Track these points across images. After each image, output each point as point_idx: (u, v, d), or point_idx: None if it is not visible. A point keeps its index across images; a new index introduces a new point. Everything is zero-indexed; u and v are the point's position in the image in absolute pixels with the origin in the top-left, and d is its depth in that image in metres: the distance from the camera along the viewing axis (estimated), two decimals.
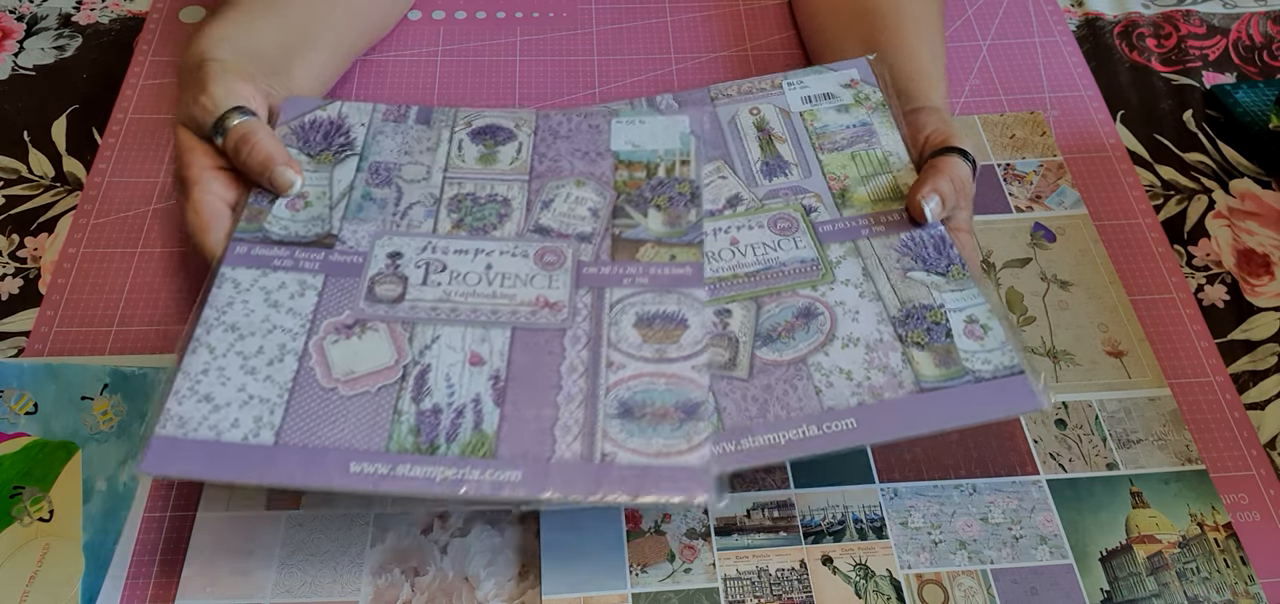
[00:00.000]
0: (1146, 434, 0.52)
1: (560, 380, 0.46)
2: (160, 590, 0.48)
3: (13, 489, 0.49)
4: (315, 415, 0.44)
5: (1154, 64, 0.73)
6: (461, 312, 0.48)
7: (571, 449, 0.43)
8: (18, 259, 0.60)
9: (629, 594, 0.47)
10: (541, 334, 0.47)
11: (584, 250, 0.51)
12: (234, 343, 0.46)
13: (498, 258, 0.51)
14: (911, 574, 0.48)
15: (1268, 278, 0.61)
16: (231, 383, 0.45)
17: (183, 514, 0.50)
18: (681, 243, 0.51)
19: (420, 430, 0.44)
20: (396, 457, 0.43)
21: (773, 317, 0.49)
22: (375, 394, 0.45)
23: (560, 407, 0.45)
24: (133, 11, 0.76)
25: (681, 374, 0.46)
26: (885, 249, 0.51)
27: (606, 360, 0.46)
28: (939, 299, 0.48)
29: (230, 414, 0.44)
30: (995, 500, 0.50)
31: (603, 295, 0.49)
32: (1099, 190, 0.64)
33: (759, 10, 0.75)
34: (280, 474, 0.43)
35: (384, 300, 0.49)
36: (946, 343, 0.47)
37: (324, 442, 0.43)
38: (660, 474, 0.42)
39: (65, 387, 0.53)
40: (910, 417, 0.45)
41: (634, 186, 0.54)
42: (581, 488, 0.42)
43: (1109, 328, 0.57)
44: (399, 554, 0.48)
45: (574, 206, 0.53)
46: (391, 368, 0.46)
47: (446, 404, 0.45)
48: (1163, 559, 0.48)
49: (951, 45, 0.73)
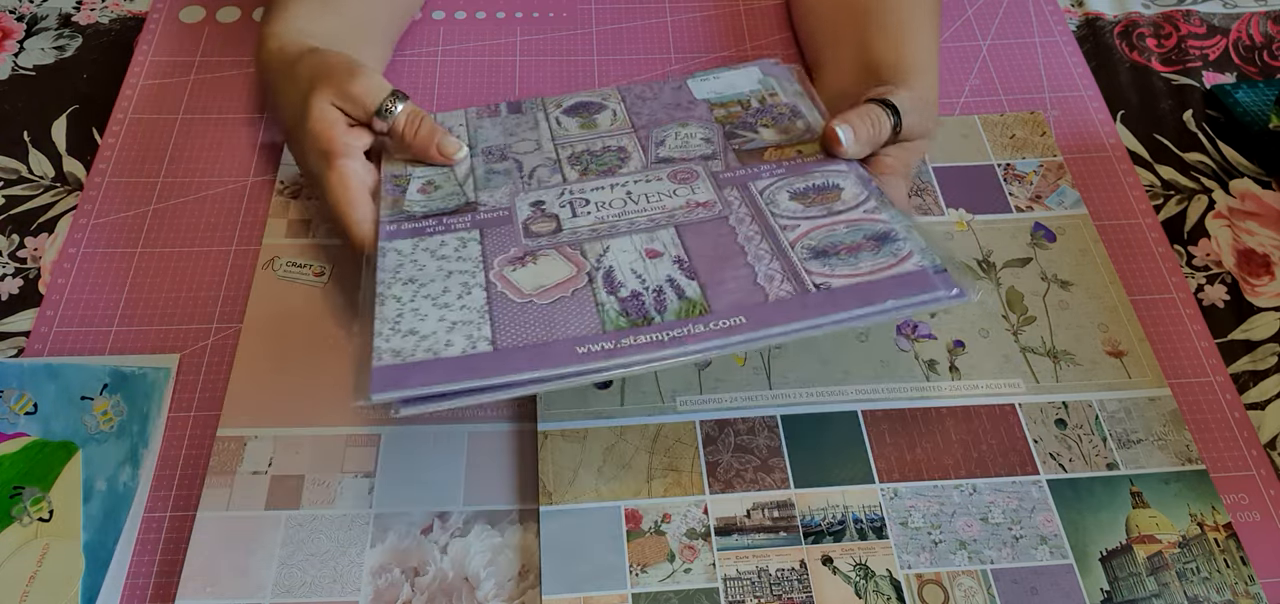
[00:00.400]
0: (1146, 434, 0.52)
1: (743, 249, 0.47)
2: (160, 590, 0.48)
3: (13, 489, 0.49)
4: (522, 324, 0.44)
5: (1154, 64, 0.73)
6: (620, 226, 0.50)
7: (783, 290, 0.44)
8: (18, 259, 0.60)
9: (629, 594, 0.47)
10: (706, 224, 0.49)
11: (713, 165, 0.53)
12: (418, 291, 0.47)
13: (634, 185, 0.52)
14: (911, 574, 0.48)
15: (1268, 278, 0.61)
16: (429, 318, 0.45)
17: (183, 514, 0.50)
18: (801, 142, 0.54)
19: (627, 312, 0.44)
20: (616, 334, 0.43)
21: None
22: (571, 297, 0.45)
23: (755, 265, 0.46)
24: (133, 11, 0.76)
25: (858, 218, 0.47)
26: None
27: (779, 226, 0.48)
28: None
29: (441, 337, 0.44)
30: (995, 500, 0.50)
31: (747, 187, 0.51)
32: (1099, 190, 0.64)
33: (759, 10, 0.75)
34: (511, 370, 0.42)
35: (543, 234, 0.50)
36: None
37: (542, 338, 0.43)
38: (886, 285, 0.43)
39: (65, 387, 0.53)
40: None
41: (735, 118, 0.57)
42: (814, 313, 0.43)
43: (1109, 328, 0.57)
44: (399, 554, 0.48)
45: (687, 140, 0.56)
46: (576, 277, 0.47)
47: (643, 288, 0.45)
48: (1163, 559, 0.48)
49: (951, 45, 0.73)
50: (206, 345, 0.56)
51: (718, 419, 0.52)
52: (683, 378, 0.54)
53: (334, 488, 0.50)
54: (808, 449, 0.51)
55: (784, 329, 0.43)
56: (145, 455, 0.51)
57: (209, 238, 0.61)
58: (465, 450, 0.52)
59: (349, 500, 0.50)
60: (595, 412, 0.52)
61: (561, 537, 0.48)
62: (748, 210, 0.50)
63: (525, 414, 0.53)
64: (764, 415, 0.53)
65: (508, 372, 0.42)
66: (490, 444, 0.52)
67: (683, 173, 0.53)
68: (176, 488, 0.51)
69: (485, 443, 0.52)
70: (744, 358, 0.55)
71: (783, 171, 0.52)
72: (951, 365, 0.55)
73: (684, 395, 0.53)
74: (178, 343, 0.56)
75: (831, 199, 0.50)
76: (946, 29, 0.74)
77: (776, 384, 0.54)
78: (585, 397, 0.53)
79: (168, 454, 0.52)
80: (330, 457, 0.51)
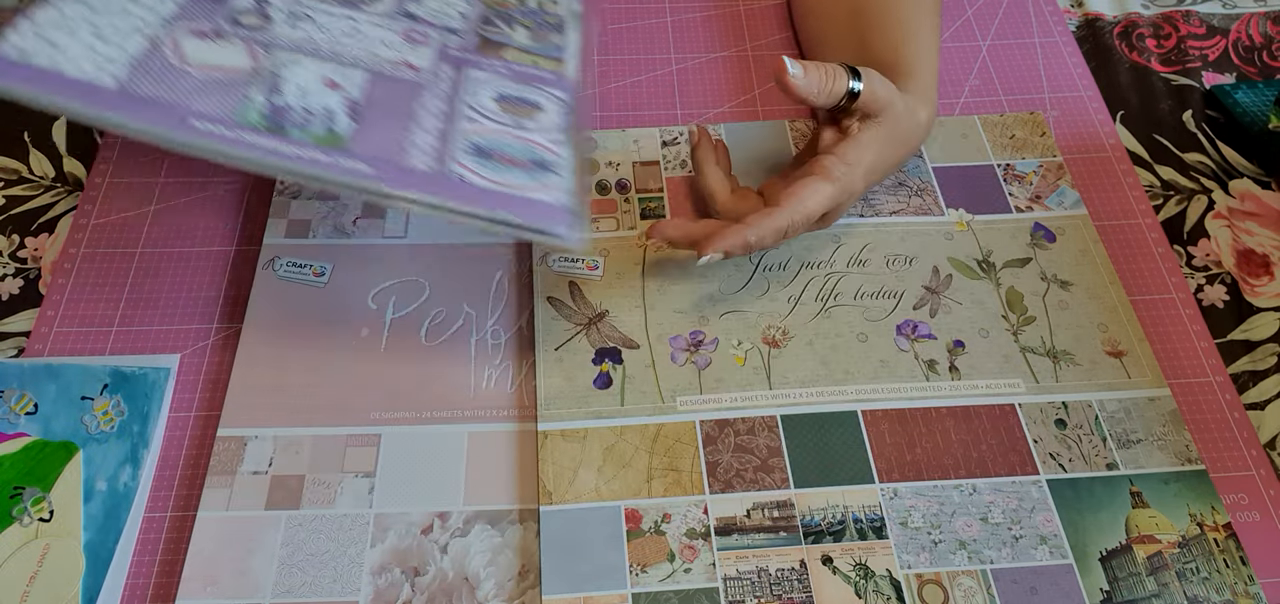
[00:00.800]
0: (1146, 434, 0.52)
1: (415, 115, 0.46)
2: (160, 590, 0.48)
3: (13, 489, 0.49)
4: (161, 81, 0.43)
5: (1154, 64, 0.73)
6: (322, 51, 0.48)
7: (423, 162, 0.44)
8: (18, 259, 0.60)
9: (629, 594, 0.47)
10: (401, 83, 0.48)
11: (450, 39, 0.52)
12: (87, 14, 0.46)
13: (365, 24, 0.51)
14: (911, 574, 0.48)
15: (1267, 278, 0.61)
16: (79, 39, 0.44)
17: (183, 514, 0.50)
18: (545, 55, 0.53)
19: (270, 116, 0.43)
20: (243, 128, 0.42)
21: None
22: (226, 81, 0.44)
23: (414, 133, 0.45)
24: None
25: (537, 140, 0.47)
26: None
27: (464, 115, 0.47)
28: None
29: (74, 58, 0.43)
30: (995, 500, 0.50)
31: (464, 73, 0.50)
32: (1099, 190, 0.64)
33: (759, 10, 0.75)
34: (116, 112, 0.41)
35: (246, 26, 0.48)
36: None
37: (167, 98, 0.42)
38: (515, 201, 0.43)
39: (65, 387, 0.53)
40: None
41: (504, 5, 0.55)
42: (433, 191, 0.42)
43: (1109, 328, 0.57)
44: (399, 554, 0.48)
45: (445, 5, 0.54)
46: (246, 70, 0.46)
47: (298, 105, 0.44)
48: (1162, 559, 0.48)
49: (951, 45, 0.73)
50: (206, 345, 0.56)
51: (718, 419, 0.52)
52: (683, 378, 0.54)
53: (334, 488, 0.50)
54: (808, 449, 0.51)
55: (401, 193, 0.43)
56: (145, 455, 0.51)
57: (209, 238, 0.61)
58: (465, 450, 0.52)
59: (349, 500, 0.50)
60: (595, 412, 0.53)
61: (561, 537, 0.48)
62: (446, 90, 0.49)
63: (525, 414, 0.53)
64: (764, 415, 0.53)
65: (115, 113, 0.41)
66: (490, 444, 0.52)
67: (417, 34, 0.52)
68: (177, 488, 0.51)
69: (485, 443, 0.52)
70: (744, 358, 0.55)
71: (505, 73, 0.52)
72: (951, 365, 0.55)
73: (684, 395, 0.53)
74: (178, 343, 0.56)
75: (526, 115, 0.50)
76: (947, 29, 0.74)
77: (776, 384, 0.54)
78: (585, 397, 0.53)
79: (168, 454, 0.52)
80: (330, 457, 0.51)
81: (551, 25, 0.56)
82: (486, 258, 0.59)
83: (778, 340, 0.56)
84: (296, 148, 0.43)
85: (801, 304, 0.57)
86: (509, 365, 0.55)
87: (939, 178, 0.63)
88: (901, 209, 0.62)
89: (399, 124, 0.46)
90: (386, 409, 0.53)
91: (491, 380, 0.54)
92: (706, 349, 0.55)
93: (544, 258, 0.58)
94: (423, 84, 0.49)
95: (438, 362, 0.55)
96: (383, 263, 0.59)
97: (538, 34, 0.55)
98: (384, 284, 0.58)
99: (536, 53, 0.54)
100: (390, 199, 0.44)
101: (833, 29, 0.66)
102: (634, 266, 0.58)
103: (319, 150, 0.43)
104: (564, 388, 0.53)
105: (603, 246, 0.59)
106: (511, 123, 0.49)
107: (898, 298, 0.57)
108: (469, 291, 0.58)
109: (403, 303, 0.57)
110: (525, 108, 0.50)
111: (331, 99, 0.46)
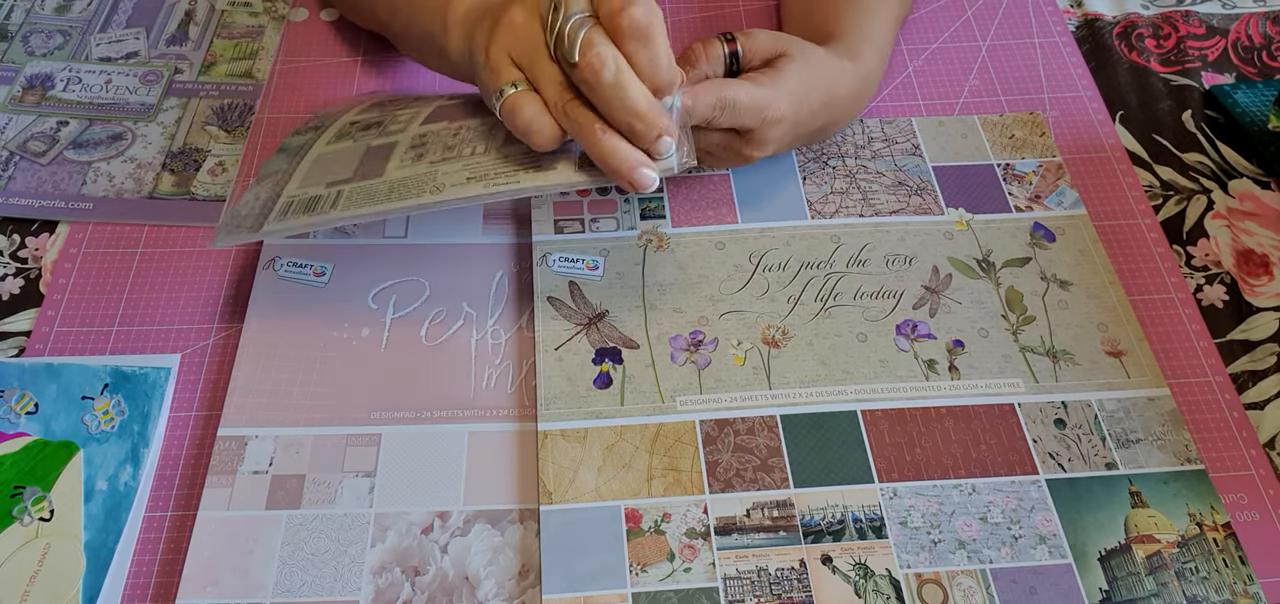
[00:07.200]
0: (1146, 434, 0.52)
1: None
2: (161, 590, 0.48)
3: (13, 489, 0.49)
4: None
5: (1153, 64, 0.73)
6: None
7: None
8: (18, 259, 0.60)
9: (629, 594, 0.47)
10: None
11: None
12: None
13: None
14: (911, 574, 0.48)
15: (1267, 278, 0.61)
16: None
17: (183, 514, 0.50)
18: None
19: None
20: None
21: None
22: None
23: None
24: None
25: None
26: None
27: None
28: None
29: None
30: (994, 500, 0.50)
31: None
32: (1098, 190, 0.64)
33: (759, 10, 0.75)
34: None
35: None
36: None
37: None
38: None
39: (65, 387, 0.53)
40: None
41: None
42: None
43: (1108, 328, 0.57)
44: (399, 554, 0.48)
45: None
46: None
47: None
48: (1162, 559, 0.48)
49: (951, 45, 0.73)
50: (206, 345, 0.56)
51: (718, 419, 0.52)
52: (683, 378, 0.54)
53: (334, 488, 0.50)
54: (807, 449, 0.51)
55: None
56: (146, 455, 0.51)
57: (209, 238, 0.61)
58: (465, 450, 0.52)
59: (349, 500, 0.50)
60: (595, 411, 0.53)
61: (561, 536, 0.48)
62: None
63: (525, 414, 0.53)
64: (764, 415, 0.53)
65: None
66: (490, 444, 0.52)
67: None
68: (177, 488, 0.51)
69: (485, 443, 0.52)
70: (743, 358, 0.55)
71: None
72: (951, 365, 0.55)
73: (684, 395, 0.53)
74: (178, 343, 0.56)
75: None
76: (946, 29, 0.74)
77: (776, 384, 0.54)
78: (585, 397, 0.53)
79: (168, 454, 0.52)
80: (330, 457, 0.51)
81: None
82: (486, 258, 0.59)
83: (777, 340, 0.56)
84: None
85: (801, 304, 0.57)
86: (509, 365, 0.55)
87: (939, 177, 0.63)
88: (901, 209, 0.62)
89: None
90: (387, 409, 0.53)
91: (491, 380, 0.54)
92: (706, 349, 0.55)
93: (544, 258, 0.59)
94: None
95: (438, 361, 0.55)
96: (383, 263, 0.59)
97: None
98: (384, 284, 0.58)
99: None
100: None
101: (794, 5, 0.70)
102: (634, 267, 0.59)
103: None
104: (564, 388, 0.53)
105: (603, 246, 0.59)
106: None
107: (897, 298, 0.57)
108: (469, 292, 0.58)
109: (403, 303, 0.57)
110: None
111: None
